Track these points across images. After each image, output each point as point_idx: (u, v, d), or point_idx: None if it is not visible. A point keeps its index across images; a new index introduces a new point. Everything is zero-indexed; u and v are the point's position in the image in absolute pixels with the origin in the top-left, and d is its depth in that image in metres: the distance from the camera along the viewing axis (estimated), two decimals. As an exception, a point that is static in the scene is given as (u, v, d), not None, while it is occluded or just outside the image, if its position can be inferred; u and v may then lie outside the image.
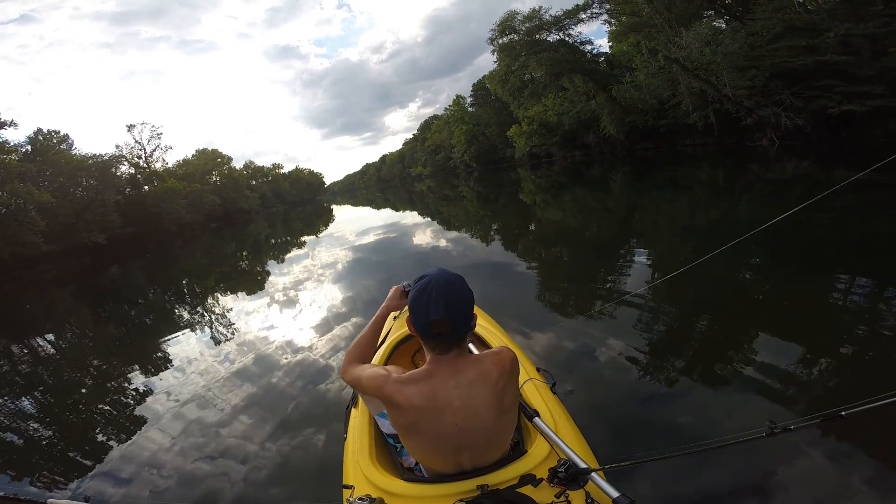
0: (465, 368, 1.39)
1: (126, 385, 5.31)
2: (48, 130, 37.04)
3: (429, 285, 1.35)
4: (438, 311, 1.31)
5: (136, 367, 5.98)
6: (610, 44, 34.16)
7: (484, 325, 2.72)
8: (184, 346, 6.37)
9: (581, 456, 1.44)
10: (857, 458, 2.10)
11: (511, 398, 1.46)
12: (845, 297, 4.04)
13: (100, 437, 4.02)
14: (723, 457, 2.16)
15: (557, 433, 1.58)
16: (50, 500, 1.51)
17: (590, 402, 2.82)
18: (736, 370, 2.98)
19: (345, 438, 2.02)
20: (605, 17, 29.40)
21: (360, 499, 1.37)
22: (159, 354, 6.30)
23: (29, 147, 34.73)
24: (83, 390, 5.73)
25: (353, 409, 2.14)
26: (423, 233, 13.00)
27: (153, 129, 49.14)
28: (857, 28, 13.95)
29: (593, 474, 1.33)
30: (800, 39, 15.37)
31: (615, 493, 1.27)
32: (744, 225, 7.51)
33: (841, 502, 1.99)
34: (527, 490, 1.35)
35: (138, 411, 4.39)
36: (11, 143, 32.10)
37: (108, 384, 5.71)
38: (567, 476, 1.31)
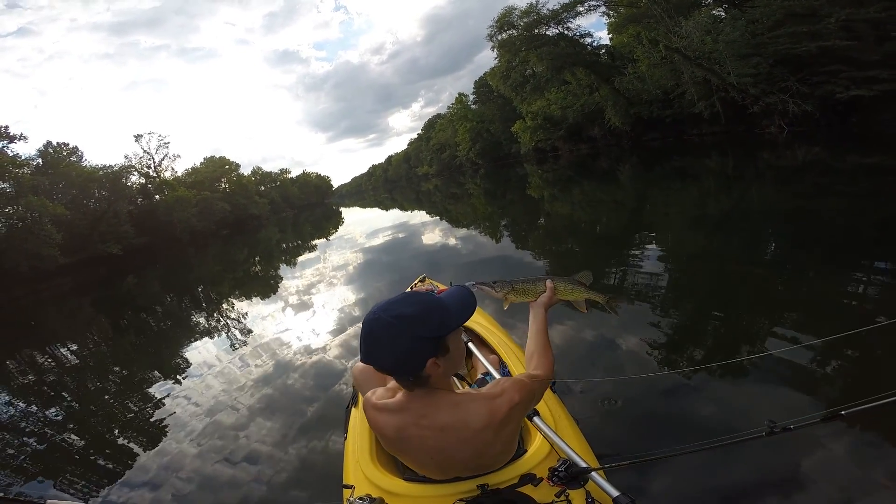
0: (437, 410, 1.26)
1: (129, 391, 5.48)
2: (58, 143, 37.69)
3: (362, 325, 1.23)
4: (363, 355, 1.23)
5: (145, 373, 6.13)
6: (610, 35, 33.71)
7: (484, 324, 2.73)
8: (196, 351, 6.47)
9: (581, 455, 1.44)
10: (858, 457, 2.08)
11: (502, 443, 1.33)
12: (842, 287, 3.99)
13: (99, 438, 4.15)
14: (723, 456, 2.15)
15: (557, 432, 1.58)
16: (49, 501, 1.56)
17: (590, 401, 2.82)
18: (737, 369, 2.96)
19: (345, 438, 2.03)
20: (602, 8, 29.19)
21: (361, 498, 1.36)
22: (169, 360, 6.45)
23: (40, 160, 35.32)
24: (87, 397, 5.89)
25: (353, 409, 2.14)
26: (432, 232, 13.04)
27: (160, 138, 49.68)
28: (857, 13, 13.80)
29: (593, 473, 1.32)
30: (801, 26, 15.18)
31: (615, 493, 1.27)
32: (757, 214, 7.47)
33: (841, 502, 1.99)
34: (527, 489, 1.35)
35: (138, 413, 4.52)
36: (23, 157, 32.63)
37: (114, 390, 5.87)
38: (567, 475, 1.30)
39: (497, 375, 2.08)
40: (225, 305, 10.16)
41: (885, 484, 1.97)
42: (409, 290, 3.40)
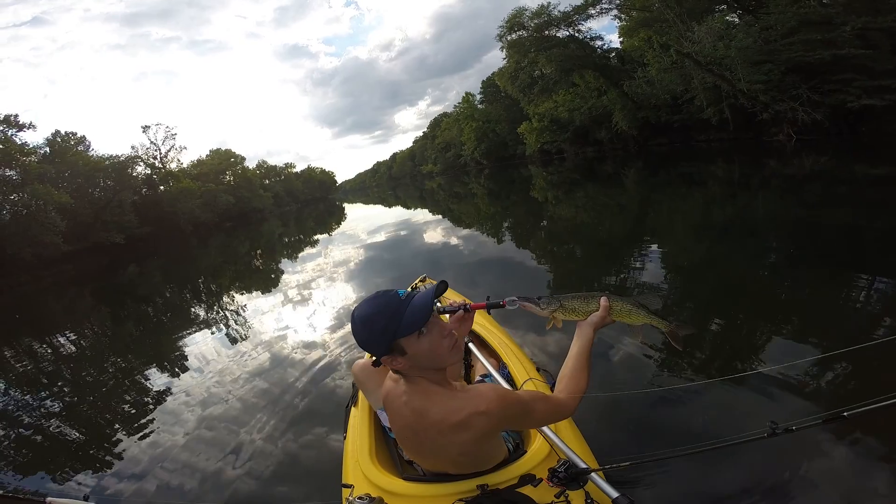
0: (413, 394, 1.31)
1: (128, 383, 5.43)
2: (65, 132, 37.74)
3: None
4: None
5: (144, 365, 6.08)
6: (621, 39, 33.63)
7: (484, 325, 2.72)
8: (196, 344, 6.45)
9: (581, 456, 1.44)
10: (861, 458, 2.07)
11: (459, 448, 1.30)
12: (846, 298, 3.96)
13: (101, 435, 4.10)
14: (723, 457, 2.13)
15: (557, 433, 1.58)
16: (49, 499, 1.53)
17: (590, 402, 2.79)
18: (738, 370, 2.94)
19: (344, 437, 2.03)
20: (615, 12, 29.08)
21: (360, 498, 1.38)
22: (170, 353, 6.41)
23: (47, 149, 35.38)
24: (85, 389, 5.85)
25: (352, 408, 2.13)
26: (434, 230, 13.04)
27: (167, 129, 49.96)
28: (874, 22, 13.67)
29: (593, 474, 1.33)
30: (815, 33, 15.09)
31: (615, 494, 1.27)
32: (762, 222, 7.43)
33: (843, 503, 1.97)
34: (526, 490, 1.35)
35: (139, 409, 4.47)
36: (31, 146, 32.75)
37: (112, 382, 5.80)
38: (567, 476, 1.31)
39: (497, 377, 2.06)
40: (225, 298, 10.20)
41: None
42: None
